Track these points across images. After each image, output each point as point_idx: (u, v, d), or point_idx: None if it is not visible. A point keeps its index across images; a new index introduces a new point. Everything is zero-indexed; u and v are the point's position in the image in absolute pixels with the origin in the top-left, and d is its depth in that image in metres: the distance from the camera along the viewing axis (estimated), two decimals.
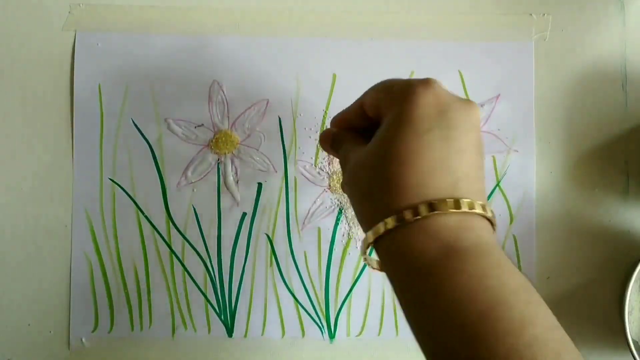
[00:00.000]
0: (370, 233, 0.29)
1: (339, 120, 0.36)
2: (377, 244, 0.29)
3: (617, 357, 0.45)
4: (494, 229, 0.29)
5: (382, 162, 0.29)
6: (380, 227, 0.28)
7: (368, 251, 0.30)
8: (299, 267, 0.46)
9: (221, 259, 0.46)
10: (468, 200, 0.27)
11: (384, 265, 0.30)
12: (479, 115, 0.30)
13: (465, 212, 0.27)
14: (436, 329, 0.26)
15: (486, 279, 0.26)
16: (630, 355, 0.41)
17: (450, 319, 0.25)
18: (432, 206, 0.27)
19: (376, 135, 0.30)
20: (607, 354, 0.46)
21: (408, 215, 0.27)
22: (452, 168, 0.28)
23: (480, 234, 0.27)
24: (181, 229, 0.46)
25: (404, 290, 0.28)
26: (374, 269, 0.31)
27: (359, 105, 0.33)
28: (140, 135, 0.46)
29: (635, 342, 0.43)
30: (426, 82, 0.29)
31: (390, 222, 0.27)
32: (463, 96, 0.46)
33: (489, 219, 0.28)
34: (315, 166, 0.46)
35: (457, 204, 0.27)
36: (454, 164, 0.28)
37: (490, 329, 0.24)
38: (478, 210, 0.27)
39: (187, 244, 0.46)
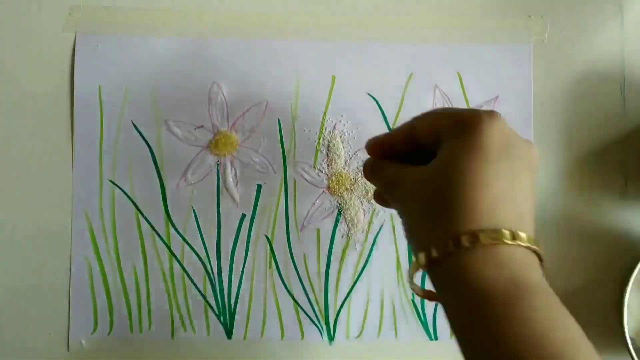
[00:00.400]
0: (425, 254, 0.28)
1: (380, 142, 0.34)
2: (434, 265, 0.28)
3: (617, 358, 0.45)
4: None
5: (449, 185, 0.28)
6: (448, 245, 0.27)
7: (417, 276, 0.29)
8: (298, 269, 0.46)
9: (220, 261, 0.46)
10: (533, 236, 0.27)
11: (440, 290, 0.29)
12: (538, 157, 0.30)
13: (529, 247, 0.27)
14: None
15: (557, 319, 0.25)
16: (629, 356, 0.41)
17: (521, 354, 0.25)
18: (505, 234, 0.26)
19: (440, 157, 0.30)
20: (606, 355, 0.45)
21: (483, 238, 0.26)
22: (518, 202, 0.28)
23: (540, 272, 0.27)
24: (180, 231, 0.46)
25: (464, 318, 0.27)
26: (420, 296, 0.31)
27: (408, 130, 0.32)
28: (140, 137, 0.46)
29: (633, 342, 0.43)
30: (494, 114, 0.29)
31: (459, 242, 0.27)
32: (461, 102, 0.46)
33: (541, 260, 0.28)
34: (315, 167, 0.46)
35: (529, 238, 0.27)
36: (519, 198, 0.28)
37: None
38: (540, 249, 0.27)
39: (186, 246, 0.46)
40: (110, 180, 0.46)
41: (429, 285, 0.30)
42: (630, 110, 0.47)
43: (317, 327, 0.46)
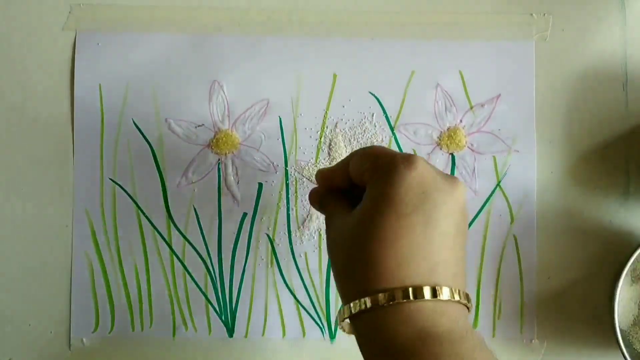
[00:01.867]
0: (345, 308, 0.29)
1: (324, 176, 0.35)
2: (353, 319, 0.29)
3: (610, 350, 0.45)
4: (469, 311, 0.29)
5: (361, 240, 0.28)
6: (356, 306, 0.28)
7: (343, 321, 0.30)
8: (300, 267, 0.46)
9: (222, 259, 0.46)
10: (445, 287, 0.27)
11: (359, 341, 0.30)
12: (464, 194, 0.30)
13: (439, 300, 0.27)
14: None
15: None
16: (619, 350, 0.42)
17: None
18: (407, 292, 0.27)
19: (359, 207, 0.30)
20: (607, 354, 0.45)
21: (383, 299, 0.27)
22: (431, 253, 0.28)
23: (455, 318, 0.28)
24: (182, 229, 0.46)
25: None
26: (347, 333, 0.31)
27: (344, 167, 0.33)
28: (140, 135, 0.46)
29: (626, 334, 0.43)
30: (410, 161, 0.29)
31: (366, 302, 0.28)
32: (463, 100, 0.46)
33: (464, 304, 0.29)
34: (316, 166, 0.46)
35: (433, 292, 0.27)
36: (433, 249, 0.28)
37: None
38: (454, 297, 0.28)
39: (187, 244, 0.46)
40: (111, 179, 0.46)
41: None
42: (632, 108, 0.47)
43: (319, 325, 0.46)
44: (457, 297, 0.28)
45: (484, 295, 0.46)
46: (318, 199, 0.36)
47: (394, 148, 0.46)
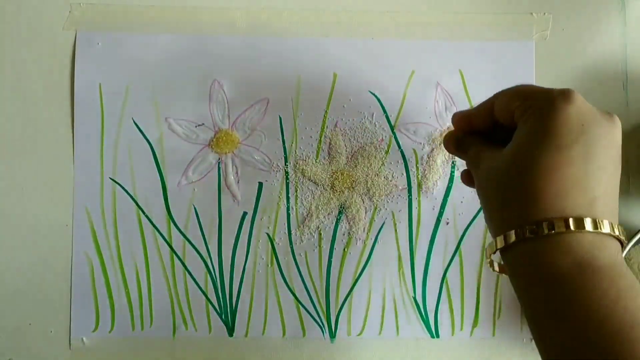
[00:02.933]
0: (500, 239, 0.29)
1: (462, 119, 0.35)
2: (506, 250, 0.29)
3: None
4: (622, 249, 0.29)
5: (520, 171, 0.28)
6: (512, 236, 0.28)
7: (492, 255, 0.31)
8: (300, 267, 0.46)
9: (222, 259, 0.46)
10: (605, 220, 0.27)
11: (511, 273, 0.30)
12: (620, 130, 0.30)
13: (600, 232, 0.27)
14: (568, 342, 0.26)
15: (622, 300, 0.26)
16: None
17: (585, 333, 0.26)
18: (568, 222, 0.27)
19: (513, 143, 0.30)
20: None
21: (544, 229, 0.27)
22: (591, 186, 0.28)
23: (614, 253, 0.28)
24: (182, 229, 0.46)
25: (531, 299, 0.28)
26: (495, 271, 0.32)
27: (488, 108, 0.33)
28: (140, 135, 0.46)
29: None
30: (567, 95, 0.29)
31: (525, 232, 0.28)
32: (463, 99, 0.46)
33: (619, 240, 0.28)
34: (316, 165, 0.46)
35: (594, 224, 0.27)
36: (593, 182, 0.28)
37: (628, 349, 0.25)
38: (615, 231, 0.28)
39: (187, 244, 0.46)
40: (111, 178, 0.46)
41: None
42: (632, 107, 0.47)
43: (319, 324, 0.46)
44: (617, 232, 0.28)
45: (484, 294, 0.46)
46: (455, 143, 0.36)
47: (394, 148, 0.46)
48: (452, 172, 0.46)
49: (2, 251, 0.46)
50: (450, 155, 0.46)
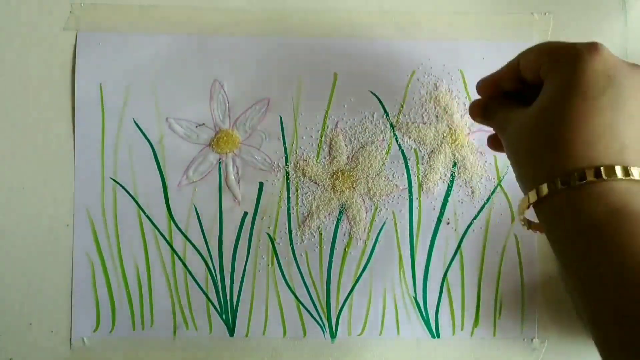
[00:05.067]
0: (532, 193, 0.30)
1: (488, 83, 0.36)
2: (539, 204, 0.30)
3: None
4: None
5: (548, 124, 0.29)
6: (544, 189, 0.29)
7: (526, 212, 0.31)
8: (300, 267, 0.46)
9: (222, 259, 0.46)
10: (635, 167, 0.28)
11: (545, 226, 0.30)
12: None
13: (631, 179, 0.28)
14: (605, 289, 0.26)
15: None
16: None
17: (622, 278, 0.26)
18: (599, 171, 0.27)
19: (540, 98, 0.30)
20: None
21: (575, 179, 0.27)
22: (620, 134, 0.28)
23: None
24: (182, 229, 0.46)
25: (566, 250, 0.29)
26: (529, 229, 0.32)
27: (514, 68, 0.33)
28: (141, 135, 0.46)
29: None
30: (594, 48, 0.29)
31: (556, 183, 0.28)
32: (464, 99, 0.46)
33: None
34: (317, 165, 0.46)
35: (625, 171, 0.27)
36: (622, 130, 0.28)
37: None
38: None
39: (188, 244, 0.46)
40: (112, 178, 0.46)
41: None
42: None
43: (319, 324, 0.46)
44: None
45: (484, 294, 0.46)
46: (481, 110, 0.36)
47: (395, 148, 0.46)
48: (452, 172, 0.46)
49: (2, 251, 0.46)
50: (451, 155, 0.46)
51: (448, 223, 0.46)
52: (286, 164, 0.46)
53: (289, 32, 0.46)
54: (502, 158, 0.46)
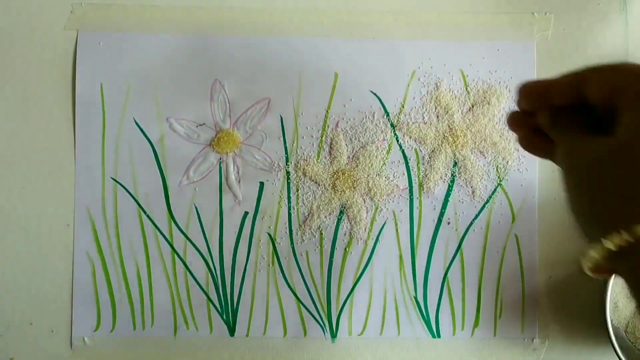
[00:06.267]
0: (616, 237, 0.26)
1: (541, 90, 0.31)
2: (622, 250, 0.26)
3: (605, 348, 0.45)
4: None
5: (628, 170, 0.26)
6: (621, 238, 0.25)
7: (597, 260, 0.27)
8: (301, 267, 0.46)
9: (223, 258, 0.46)
10: None
11: (627, 276, 0.27)
12: None
13: None
14: None
15: None
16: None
17: None
18: None
19: (625, 130, 0.27)
20: (608, 352, 0.45)
21: None
22: None
23: None
24: (183, 228, 0.46)
25: None
26: (598, 277, 0.29)
27: (578, 81, 0.29)
28: (142, 135, 0.46)
29: (617, 330, 0.43)
30: None
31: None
32: (464, 99, 0.46)
33: None
34: (317, 165, 0.46)
35: None
36: None
37: None
38: None
39: (188, 243, 0.46)
40: (112, 178, 0.46)
41: None
42: None
43: (320, 324, 0.46)
44: None
45: (485, 294, 0.46)
46: (550, 123, 0.30)
47: (395, 147, 0.46)
48: (453, 172, 0.46)
49: (3, 251, 0.46)
50: (451, 155, 0.46)
51: (448, 223, 0.46)
52: (287, 164, 0.46)
53: (290, 32, 0.46)
54: (502, 158, 0.46)
